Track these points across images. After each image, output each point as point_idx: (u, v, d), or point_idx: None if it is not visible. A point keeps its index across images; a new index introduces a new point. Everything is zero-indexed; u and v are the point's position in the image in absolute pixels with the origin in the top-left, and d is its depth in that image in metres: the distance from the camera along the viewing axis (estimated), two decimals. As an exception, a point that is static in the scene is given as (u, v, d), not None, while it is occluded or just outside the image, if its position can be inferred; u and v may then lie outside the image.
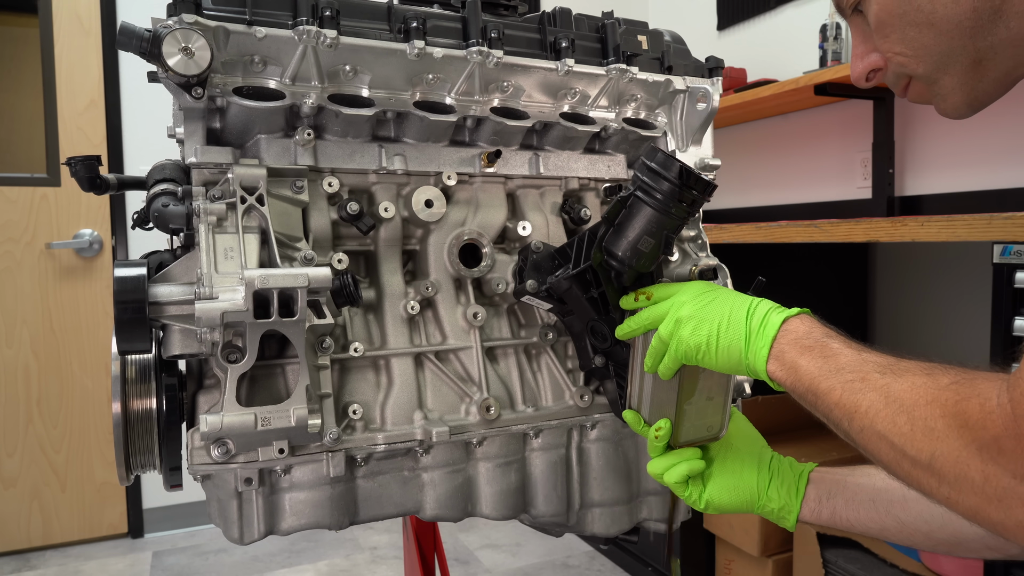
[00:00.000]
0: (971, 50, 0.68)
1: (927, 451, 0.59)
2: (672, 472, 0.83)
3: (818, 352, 0.68)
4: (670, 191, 0.81)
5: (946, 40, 0.69)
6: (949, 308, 2.35)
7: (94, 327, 2.82)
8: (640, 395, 0.86)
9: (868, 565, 1.78)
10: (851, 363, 0.66)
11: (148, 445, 0.82)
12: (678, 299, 0.79)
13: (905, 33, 0.71)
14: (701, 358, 0.75)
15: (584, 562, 2.62)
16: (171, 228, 0.84)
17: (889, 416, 0.61)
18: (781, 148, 2.94)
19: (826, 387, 0.66)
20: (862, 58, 0.77)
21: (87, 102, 2.76)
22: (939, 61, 0.70)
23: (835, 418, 0.66)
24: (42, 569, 2.64)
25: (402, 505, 0.91)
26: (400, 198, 0.95)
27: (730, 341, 0.73)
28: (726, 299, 0.77)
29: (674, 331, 0.77)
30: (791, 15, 2.82)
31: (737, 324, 0.73)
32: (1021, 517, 0.54)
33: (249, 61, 0.86)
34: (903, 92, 0.77)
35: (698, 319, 0.76)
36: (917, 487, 0.61)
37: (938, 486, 0.59)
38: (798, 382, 0.69)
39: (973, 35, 0.67)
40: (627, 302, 0.86)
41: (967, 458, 0.56)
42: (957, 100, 0.73)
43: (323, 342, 0.85)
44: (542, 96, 1.02)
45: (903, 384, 0.62)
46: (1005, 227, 1.35)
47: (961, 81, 0.71)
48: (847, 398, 0.64)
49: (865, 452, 0.65)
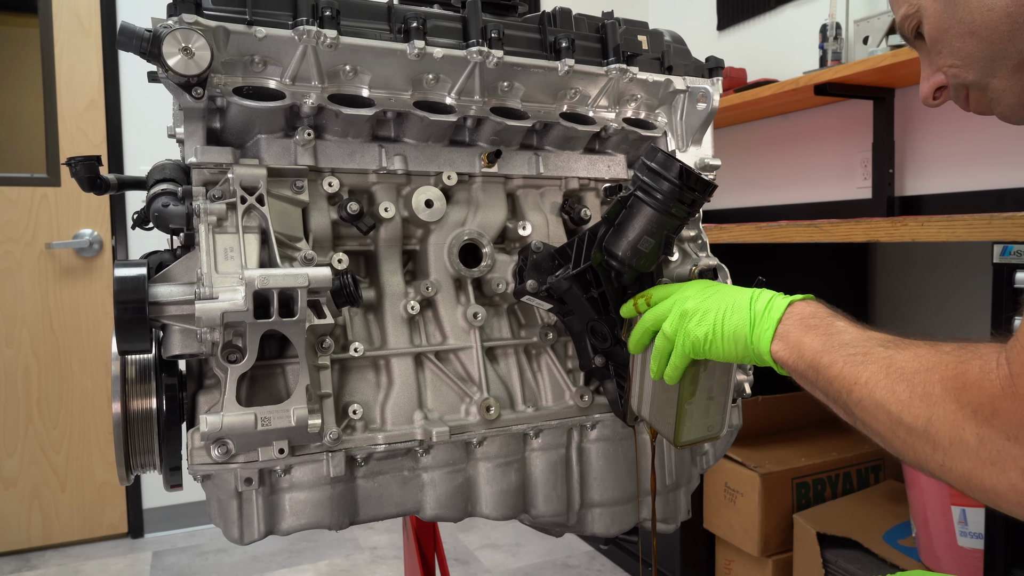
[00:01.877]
0: (1013, 52, 0.72)
1: (924, 416, 0.58)
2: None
3: (823, 330, 0.69)
4: (670, 191, 0.81)
5: (988, 46, 0.73)
6: (949, 308, 2.35)
7: (94, 327, 2.81)
8: (641, 395, 0.86)
9: (868, 565, 1.78)
10: (855, 339, 0.66)
11: (148, 445, 0.82)
12: (681, 295, 0.80)
13: (953, 45, 0.75)
14: (708, 348, 0.76)
15: (584, 562, 2.62)
16: (171, 228, 0.84)
17: (888, 385, 0.61)
18: (781, 148, 2.94)
19: (827, 361, 0.66)
20: (927, 79, 0.82)
21: (87, 102, 2.76)
22: (986, 66, 0.74)
23: (834, 392, 0.66)
24: (42, 569, 2.64)
25: (402, 505, 0.91)
26: (400, 198, 0.95)
27: (735, 326, 0.74)
28: (729, 290, 0.78)
29: (679, 325, 0.78)
30: (791, 15, 2.82)
31: (741, 310, 0.74)
32: (1014, 479, 0.54)
33: (249, 61, 0.86)
34: (965, 104, 0.81)
35: (703, 310, 0.77)
36: (912, 457, 0.60)
37: (932, 452, 0.58)
38: (800, 359, 0.69)
39: (1012, 38, 0.71)
40: (627, 310, 0.86)
41: (962, 421, 0.56)
42: (1011, 101, 0.76)
43: (323, 342, 0.85)
44: (542, 96, 1.02)
45: (906, 355, 0.62)
46: (1005, 227, 1.35)
47: (1010, 83, 0.74)
48: (848, 370, 0.64)
49: (862, 426, 0.65)
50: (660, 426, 0.85)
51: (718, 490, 2.13)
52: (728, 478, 2.08)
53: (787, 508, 2.02)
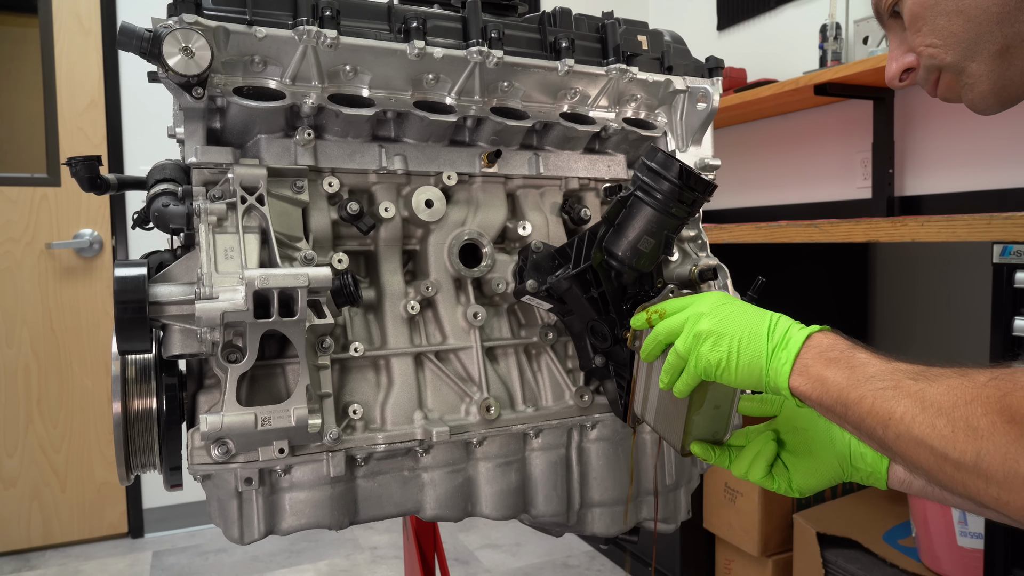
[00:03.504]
0: (998, 36, 0.71)
1: (972, 451, 0.56)
2: (754, 470, 0.82)
3: (844, 363, 0.66)
4: (670, 191, 0.81)
5: (974, 27, 0.71)
6: (949, 308, 2.35)
7: (94, 327, 2.82)
8: (646, 401, 0.85)
9: (868, 565, 1.78)
10: (881, 372, 0.64)
11: (148, 445, 0.82)
12: (695, 311, 0.77)
13: (936, 23, 0.74)
14: (720, 375, 0.73)
15: (584, 562, 2.62)
16: (171, 228, 0.84)
17: (927, 420, 0.59)
18: (781, 148, 2.94)
19: (856, 396, 0.64)
20: (897, 59, 0.80)
21: (87, 102, 2.76)
22: (967, 48, 0.73)
23: (868, 427, 0.63)
24: (42, 569, 2.64)
25: (402, 505, 0.91)
26: (400, 198, 0.95)
27: (751, 357, 0.71)
28: (744, 313, 0.75)
29: (693, 346, 0.75)
30: (791, 15, 2.82)
31: (758, 340, 0.71)
32: None
33: (249, 61, 0.86)
34: (933, 89, 0.79)
35: (718, 334, 0.73)
36: (963, 491, 0.58)
37: (986, 487, 0.56)
38: (825, 394, 0.66)
39: (1000, 21, 0.70)
40: (639, 321, 0.83)
41: (1016, 453, 0.54)
42: (984, 88, 0.75)
43: (323, 342, 0.85)
44: (542, 96, 1.02)
45: (938, 387, 0.60)
46: (1005, 227, 1.35)
47: (988, 68, 0.73)
48: (880, 405, 0.62)
49: (902, 461, 0.62)
50: (666, 434, 0.84)
51: (718, 490, 2.13)
52: (728, 478, 2.08)
53: (787, 508, 2.03)
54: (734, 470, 0.84)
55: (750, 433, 0.87)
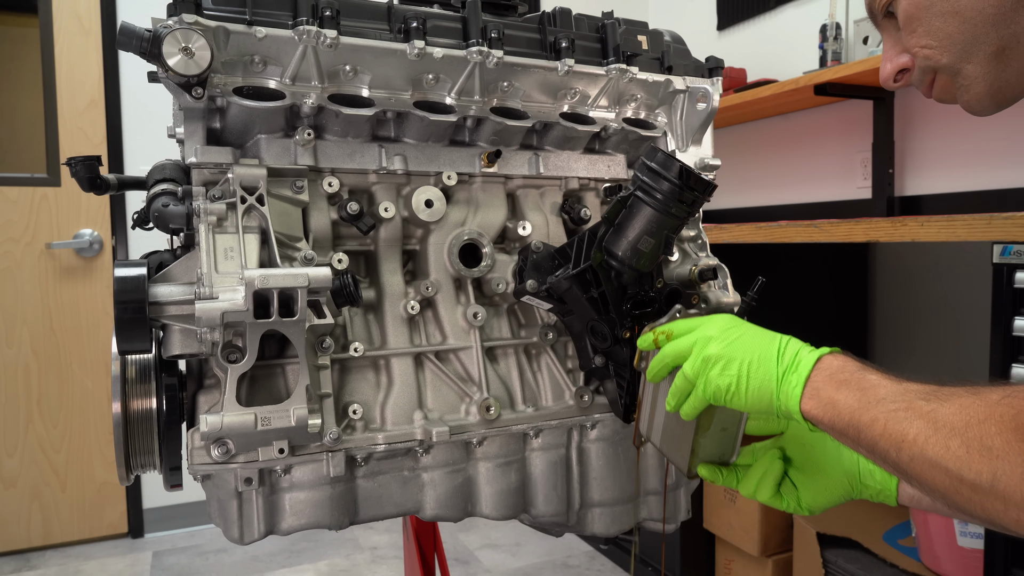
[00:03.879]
0: (994, 38, 0.70)
1: (987, 472, 0.55)
2: (762, 490, 0.82)
3: (855, 385, 0.65)
4: (670, 191, 0.81)
5: (970, 28, 0.71)
6: (949, 308, 2.35)
7: (94, 327, 2.81)
8: (651, 423, 0.84)
9: (868, 565, 1.78)
10: (892, 393, 0.63)
11: (148, 445, 0.82)
12: (703, 334, 0.75)
13: (931, 24, 0.73)
14: (730, 399, 0.72)
15: (584, 562, 2.62)
16: (171, 228, 0.84)
17: (940, 441, 0.57)
18: (781, 148, 2.94)
19: (868, 419, 0.63)
20: (891, 60, 0.79)
21: (87, 102, 2.76)
22: (963, 49, 0.72)
23: (881, 450, 0.62)
24: (42, 569, 2.64)
25: (402, 505, 0.91)
26: (400, 198, 0.95)
27: (760, 382, 0.70)
28: (753, 337, 0.74)
29: (702, 370, 0.74)
30: (791, 15, 2.82)
31: (768, 363, 0.70)
32: None
33: (249, 61, 0.86)
34: (928, 90, 0.79)
35: (727, 358, 0.72)
36: (980, 514, 0.57)
37: (1005, 509, 0.55)
38: (837, 417, 0.65)
39: (996, 23, 0.69)
40: (645, 341, 0.82)
41: None
42: (980, 90, 0.74)
43: (323, 342, 0.85)
44: (542, 96, 1.02)
45: (950, 407, 0.59)
46: (1005, 227, 1.35)
47: (984, 70, 0.73)
48: (892, 427, 0.61)
49: (917, 483, 0.61)
50: (672, 456, 0.83)
51: (718, 490, 2.13)
52: (728, 478, 2.08)
53: (787, 508, 2.02)
54: (742, 490, 0.84)
55: (756, 451, 0.87)
